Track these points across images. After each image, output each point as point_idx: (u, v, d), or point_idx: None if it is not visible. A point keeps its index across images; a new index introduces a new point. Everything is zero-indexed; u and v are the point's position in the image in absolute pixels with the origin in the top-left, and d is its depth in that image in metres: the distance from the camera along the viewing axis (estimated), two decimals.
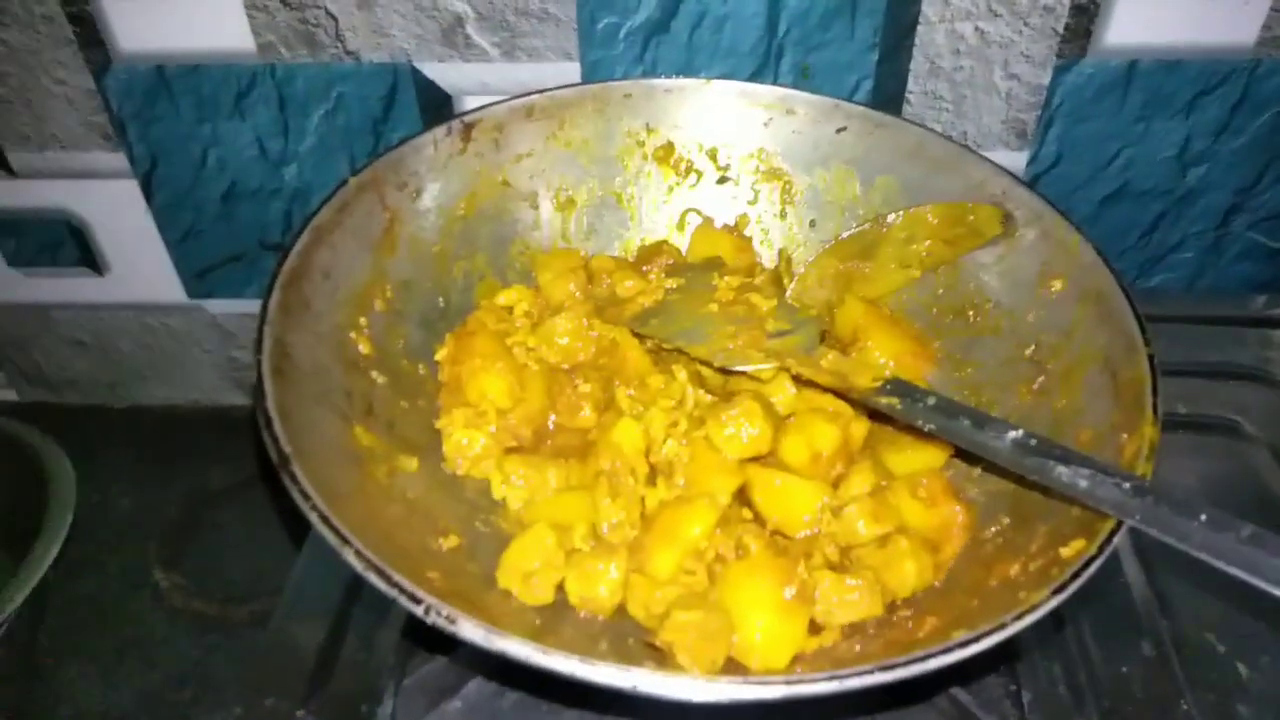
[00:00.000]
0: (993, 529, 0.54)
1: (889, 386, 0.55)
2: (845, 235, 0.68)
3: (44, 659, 0.81)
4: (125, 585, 0.87)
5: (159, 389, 1.06)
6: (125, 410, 1.06)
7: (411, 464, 0.57)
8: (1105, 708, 0.57)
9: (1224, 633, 0.62)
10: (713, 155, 0.74)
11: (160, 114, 0.84)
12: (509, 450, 0.60)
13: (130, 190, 0.89)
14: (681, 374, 0.59)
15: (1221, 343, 0.81)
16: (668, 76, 0.78)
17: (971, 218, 0.65)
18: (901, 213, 0.67)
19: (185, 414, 1.06)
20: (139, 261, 0.95)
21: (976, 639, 0.40)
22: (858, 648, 0.49)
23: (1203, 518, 0.42)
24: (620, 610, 0.53)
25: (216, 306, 0.99)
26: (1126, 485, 0.45)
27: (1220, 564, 0.41)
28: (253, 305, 0.98)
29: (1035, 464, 0.48)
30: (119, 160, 0.87)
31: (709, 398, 0.59)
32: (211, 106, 0.83)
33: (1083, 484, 0.46)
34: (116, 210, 0.91)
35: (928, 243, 0.67)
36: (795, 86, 0.79)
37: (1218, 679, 0.60)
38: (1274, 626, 0.62)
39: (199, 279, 0.96)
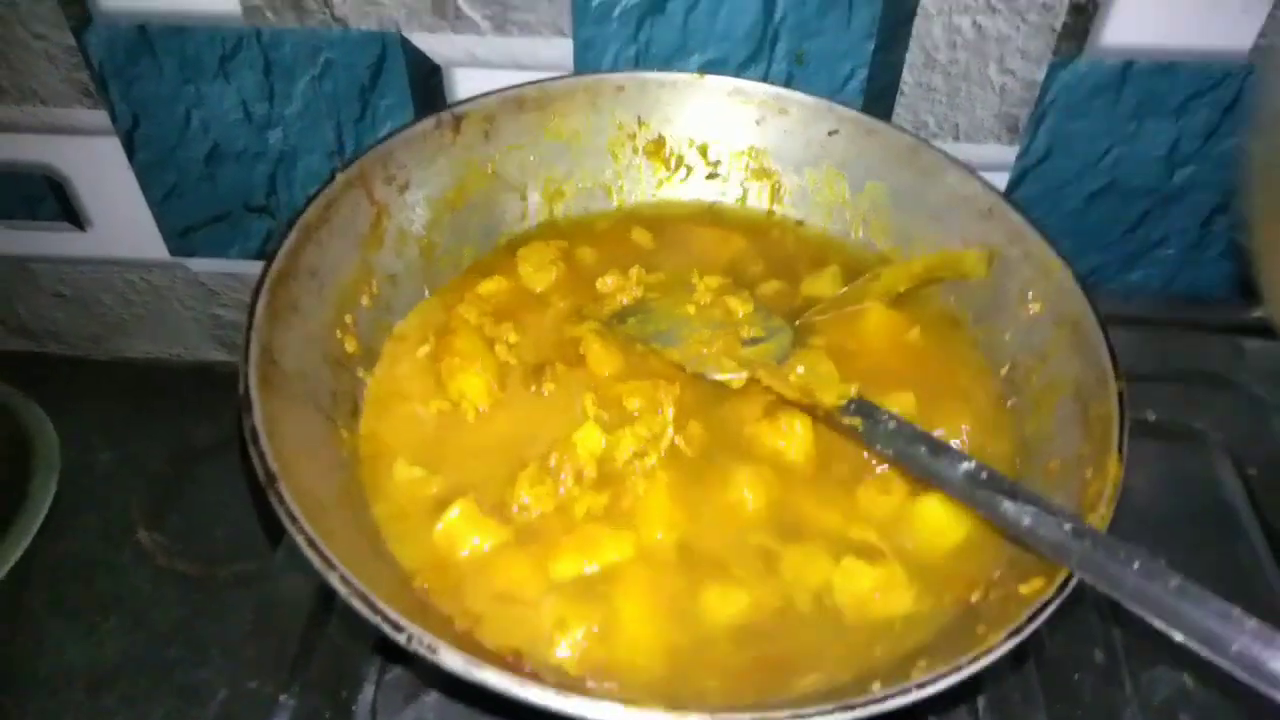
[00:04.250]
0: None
1: (853, 406, 0.56)
2: (836, 296, 0.68)
3: (29, 615, 0.82)
4: (108, 543, 0.87)
5: (141, 343, 1.06)
6: (107, 363, 1.05)
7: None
8: (1056, 712, 0.60)
9: (1173, 644, 0.64)
10: (703, 151, 0.74)
11: (142, 73, 0.82)
12: None
13: (112, 147, 0.88)
14: (669, 410, 0.60)
15: (1191, 347, 0.83)
16: (661, 59, 0.77)
17: (959, 262, 0.65)
18: (888, 270, 0.67)
19: (168, 368, 1.06)
20: (121, 218, 0.94)
21: (934, 680, 0.42)
22: None
23: (1135, 565, 0.43)
24: None
25: (199, 265, 0.98)
26: (1067, 527, 0.46)
27: (1147, 615, 0.42)
28: (236, 265, 0.98)
29: (985, 497, 0.49)
30: (100, 117, 0.86)
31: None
32: (195, 68, 0.82)
33: (1026, 521, 0.47)
34: (98, 167, 0.90)
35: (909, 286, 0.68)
36: (789, 74, 0.79)
37: (1164, 687, 0.62)
38: None
39: (182, 237, 0.96)
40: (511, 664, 0.41)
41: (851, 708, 0.40)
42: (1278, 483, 0.75)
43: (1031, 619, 0.44)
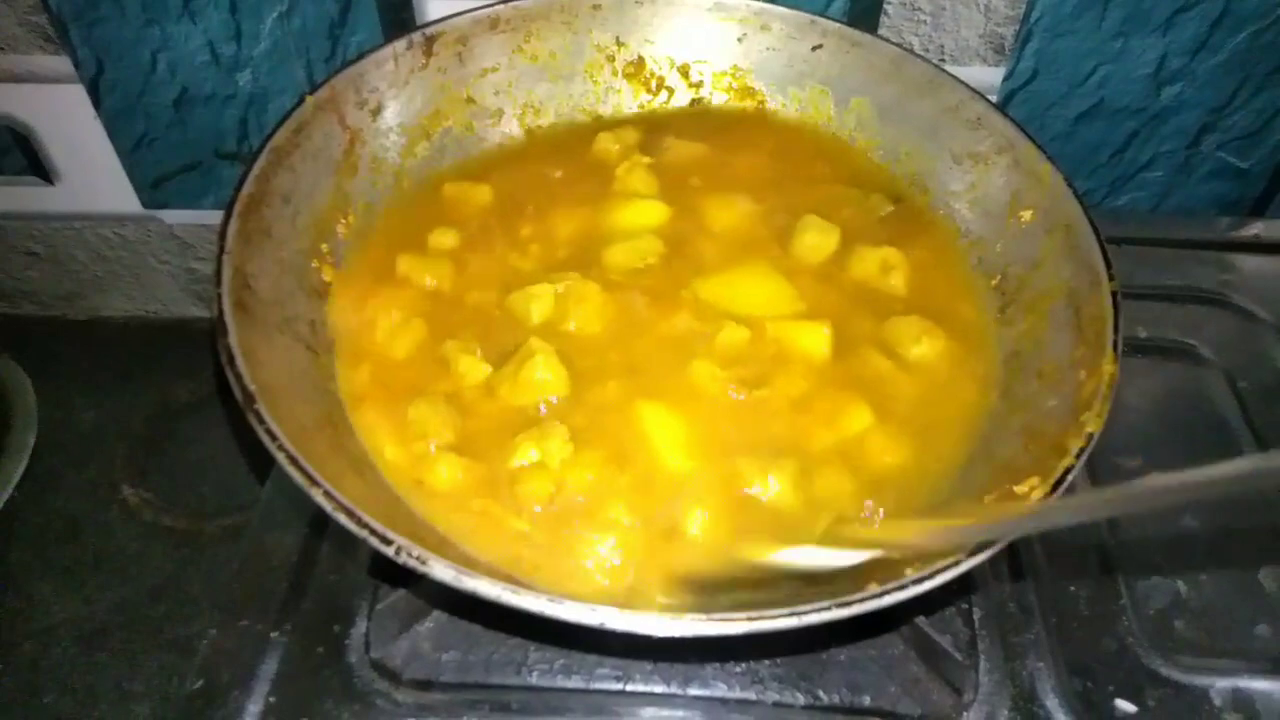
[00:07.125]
0: None
1: None
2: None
3: (16, 574, 0.81)
4: (93, 500, 0.86)
5: (117, 301, 1.04)
6: (84, 322, 1.03)
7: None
8: (1052, 623, 0.60)
9: (1168, 553, 0.64)
10: (684, 71, 0.72)
11: (104, 14, 0.80)
12: None
13: (77, 95, 0.85)
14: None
15: (1183, 266, 0.82)
16: None
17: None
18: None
19: (145, 326, 1.04)
20: (90, 170, 0.92)
21: (930, 575, 0.41)
22: None
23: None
24: None
25: (173, 217, 0.96)
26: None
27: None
28: (210, 216, 0.96)
29: None
30: (63, 64, 0.83)
31: None
32: (159, 7, 0.79)
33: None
34: (63, 116, 0.87)
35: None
36: None
37: (1158, 596, 0.62)
38: (1212, 548, 0.65)
39: (154, 188, 0.93)
40: (505, 575, 0.40)
41: (847, 604, 0.39)
42: (1270, 397, 0.75)
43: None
